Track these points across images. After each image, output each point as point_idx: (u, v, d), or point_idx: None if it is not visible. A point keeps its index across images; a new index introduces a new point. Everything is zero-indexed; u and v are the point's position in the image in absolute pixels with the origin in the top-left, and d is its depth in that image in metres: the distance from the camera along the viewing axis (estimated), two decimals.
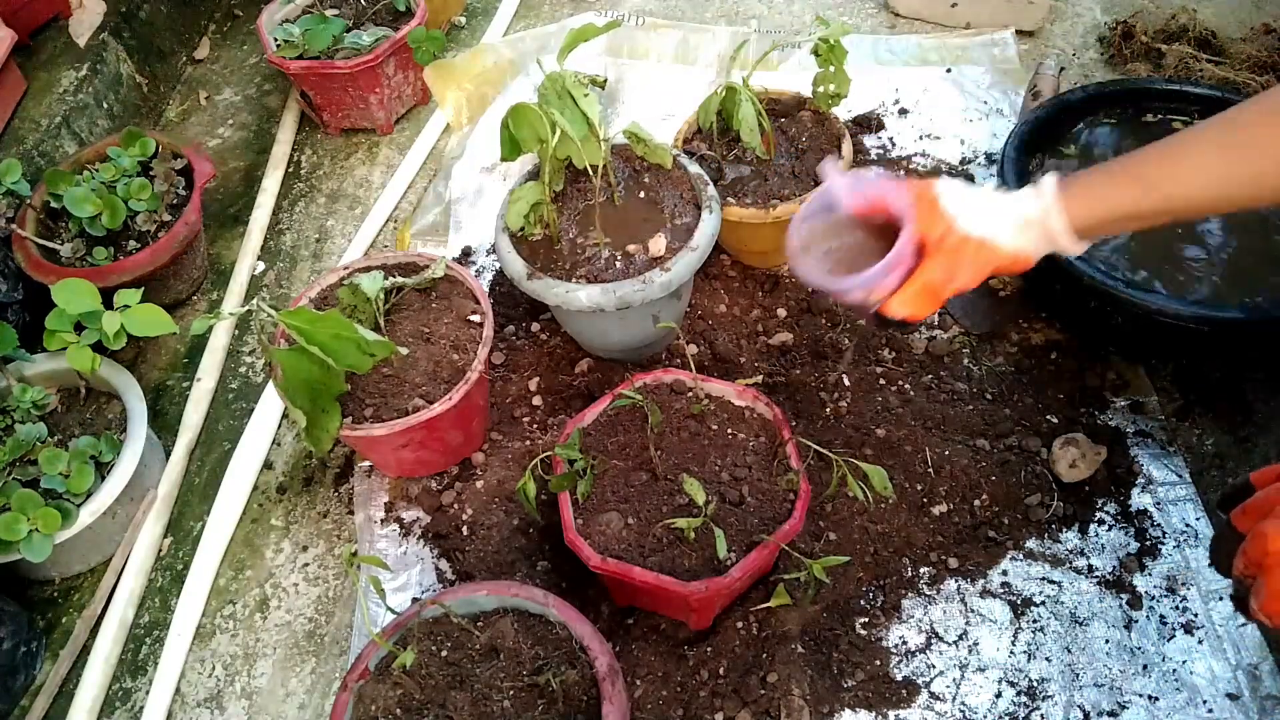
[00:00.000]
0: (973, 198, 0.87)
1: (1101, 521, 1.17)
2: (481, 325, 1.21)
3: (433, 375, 1.18)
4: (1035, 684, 1.05)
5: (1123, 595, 1.10)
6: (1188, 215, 0.86)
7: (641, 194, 1.27)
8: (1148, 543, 1.14)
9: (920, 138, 1.65)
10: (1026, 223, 0.85)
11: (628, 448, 1.09)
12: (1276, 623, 0.65)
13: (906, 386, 1.30)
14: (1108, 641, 1.07)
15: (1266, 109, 0.76)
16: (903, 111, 1.69)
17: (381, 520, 1.27)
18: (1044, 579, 1.13)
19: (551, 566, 1.17)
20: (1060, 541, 1.15)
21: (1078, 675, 1.05)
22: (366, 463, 1.32)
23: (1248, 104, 0.78)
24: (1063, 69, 1.63)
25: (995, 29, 1.80)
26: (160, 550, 1.30)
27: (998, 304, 1.39)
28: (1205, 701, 1.02)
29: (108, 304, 1.24)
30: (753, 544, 0.98)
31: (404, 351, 1.17)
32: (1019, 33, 1.80)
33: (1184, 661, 1.05)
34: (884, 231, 0.91)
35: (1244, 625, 1.05)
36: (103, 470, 1.24)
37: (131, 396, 1.29)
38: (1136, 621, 1.08)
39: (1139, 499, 1.18)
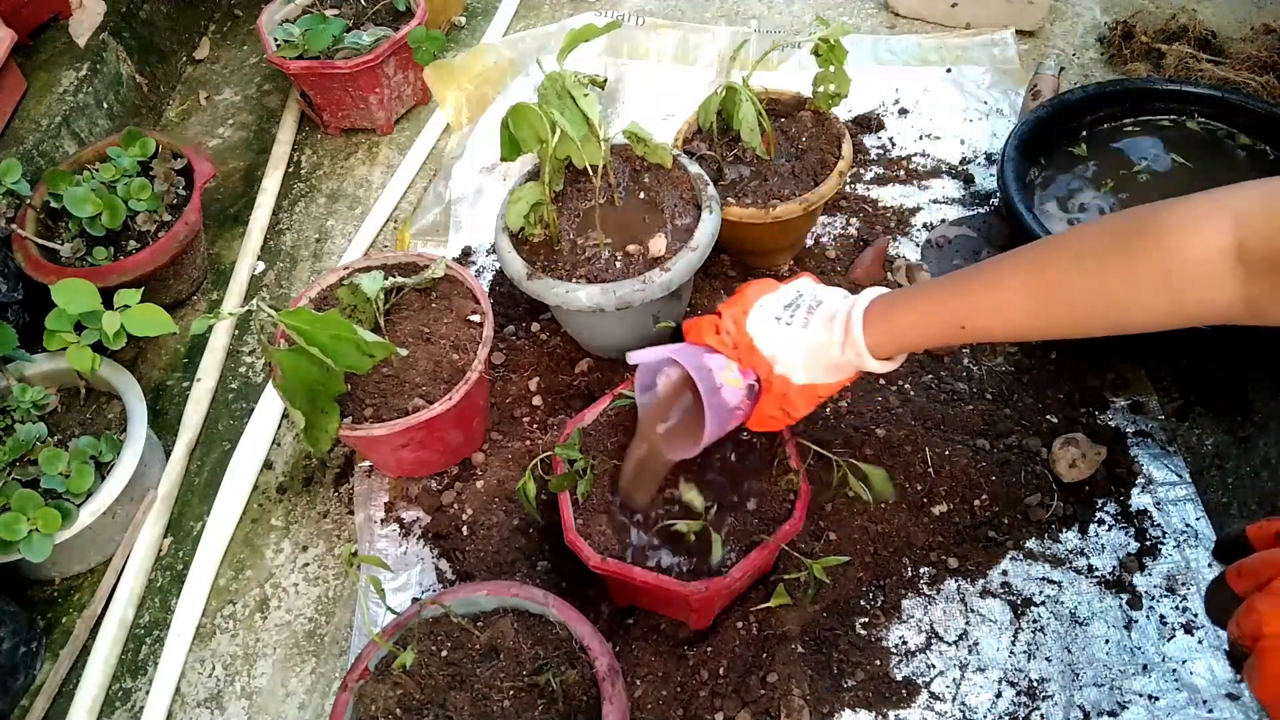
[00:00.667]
0: (784, 343, 0.91)
1: (1101, 521, 1.17)
2: (481, 325, 1.21)
3: (433, 375, 1.18)
4: (1035, 684, 1.05)
5: (1123, 595, 1.10)
6: (987, 341, 0.93)
7: (641, 194, 1.27)
8: (1148, 543, 1.14)
9: (920, 138, 1.65)
10: (841, 367, 0.90)
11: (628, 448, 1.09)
12: (1270, 708, 0.64)
13: (906, 386, 1.30)
14: (1108, 641, 1.07)
15: (1074, 253, 0.78)
16: (903, 111, 1.69)
17: (381, 520, 1.27)
18: (1044, 579, 1.13)
19: (551, 566, 1.17)
20: (1060, 541, 1.15)
21: (1078, 675, 1.05)
22: (366, 463, 1.32)
23: (1055, 242, 0.81)
24: (1063, 69, 1.63)
25: (995, 29, 1.80)
26: (160, 550, 1.30)
27: None
28: (1205, 701, 1.02)
29: (108, 304, 1.24)
30: (753, 544, 0.98)
31: (403, 352, 1.17)
32: (1019, 33, 1.80)
33: (1184, 661, 1.05)
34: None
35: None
36: (103, 470, 1.24)
37: (131, 396, 1.29)
38: (1136, 621, 1.08)
39: (1139, 499, 1.18)
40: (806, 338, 0.90)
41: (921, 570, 1.14)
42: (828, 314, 0.90)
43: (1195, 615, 1.08)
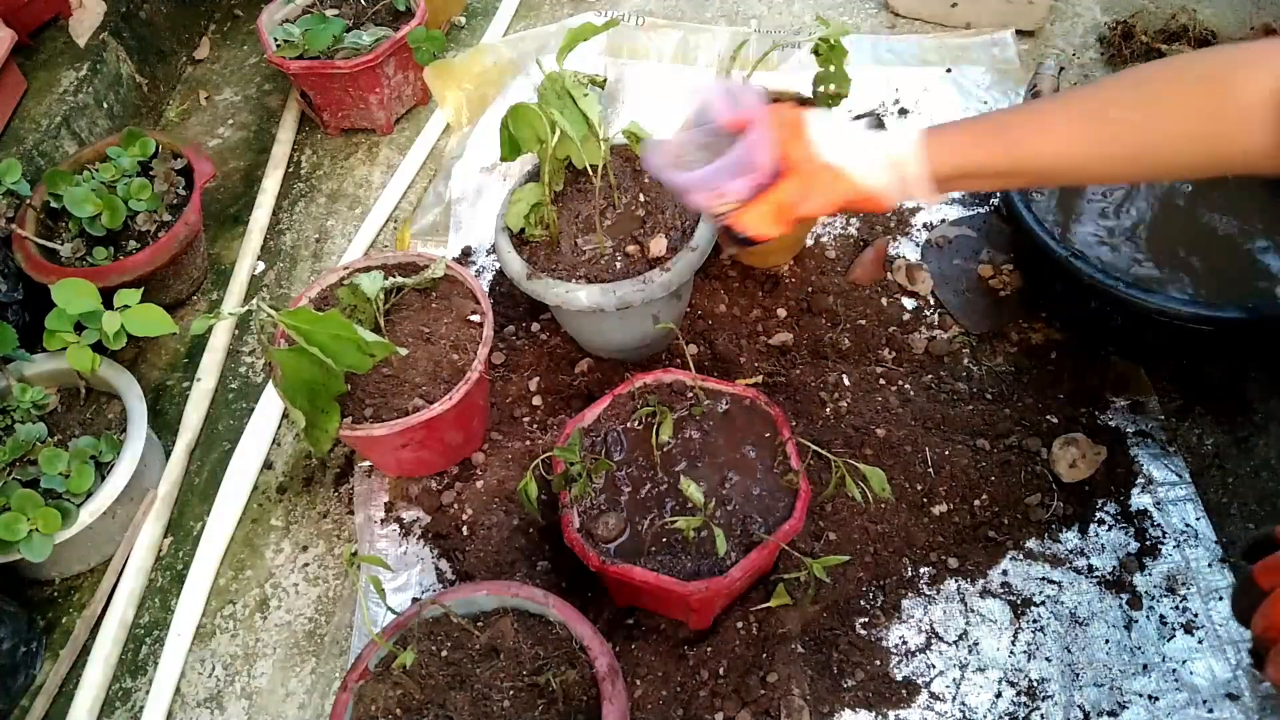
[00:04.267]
0: (838, 128, 0.88)
1: (1101, 521, 1.17)
2: (481, 325, 1.21)
3: (433, 375, 1.18)
4: (1035, 684, 1.05)
5: (1123, 595, 1.10)
6: (1046, 181, 0.88)
7: (641, 194, 1.27)
8: (1148, 543, 1.14)
9: None
10: (886, 162, 0.86)
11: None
12: None
13: (906, 386, 1.30)
14: (1108, 641, 1.07)
15: (1129, 85, 0.79)
16: (903, 111, 1.69)
17: (381, 520, 1.27)
18: (1044, 579, 1.13)
19: (551, 566, 1.18)
20: (1060, 541, 1.15)
21: (1078, 675, 1.05)
22: (366, 463, 1.32)
23: (1113, 79, 0.81)
24: (1063, 69, 1.63)
25: (995, 29, 1.80)
26: (160, 550, 1.30)
27: (998, 304, 1.39)
28: (1205, 701, 1.02)
29: (108, 304, 1.24)
30: (753, 544, 0.98)
31: (403, 352, 1.17)
32: (1019, 33, 1.80)
33: (1184, 661, 1.05)
34: None
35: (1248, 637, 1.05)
36: (103, 470, 1.24)
37: (131, 396, 1.29)
38: (1136, 621, 1.08)
39: (1139, 499, 1.18)
40: (860, 131, 0.88)
41: (921, 570, 1.14)
42: (881, 145, 0.88)
43: (1195, 615, 1.08)
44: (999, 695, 1.05)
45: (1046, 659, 1.07)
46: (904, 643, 1.09)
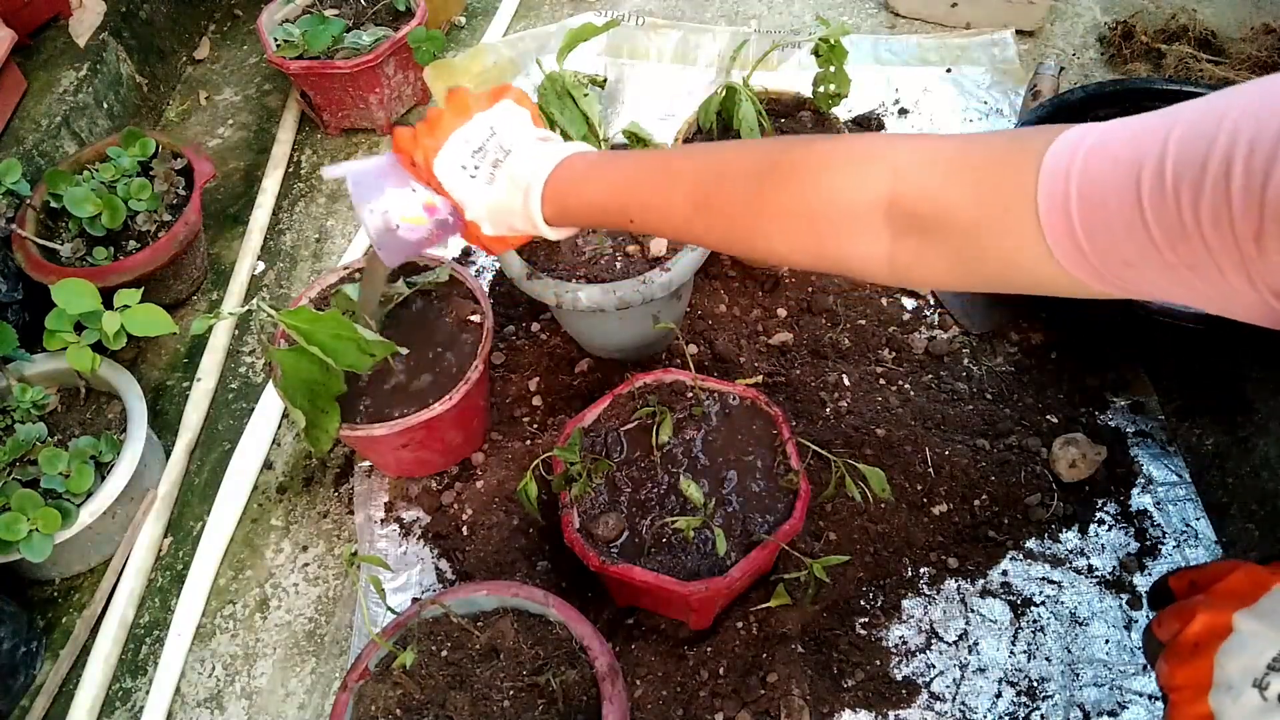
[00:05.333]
0: (470, 195, 0.86)
1: (1101, 521, 1.17)
2: (481, 325, 1.21)
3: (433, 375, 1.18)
4: (1035, 684, 1.05)
5: (1123, 595, 1.10)
6: (656, 236, 0.85)
7: None
8: (1148, 543, 1.14)
9: None
10: (517, 229, 0.86)
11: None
12: None
13: (906, 386, 1.30)
14: (1108, 641, 1.07)
15: (735, 172, 0.73)
16: (903, 111, 1.69)
17: (381, 520, 1.27)
18: (1044, 579, 1.13)
19: (551, 566, 1.17)
20: (1060, 541, 1.15)
21: (1078, 675, 1.05)
22: (366, 463, 1.32)
23: (726, 156, 0.76)
24: (1063, 69, 1.63)
25: (995, 29, 1.80)
26: (160, 550, 1.30)
27: (998, 304, 1.39)
28: None
29: (108, 304, 1.24)
30: (753, 544, 0.98)
31: (404, 351, 1.17)
32: (1019, 33, 1.80)
33: None
34: None
35: None
36: (103, 470, 1.23)
37: (131, 396, 1.29)
38: (1136, 621, 1.08)
39: (1139, 499, 1.18)
40: (490, 195, 0.85)
41: (921, 570, 1.14)
42: (512, 174, 0.84)
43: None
44: (999, 695, 1.05)
45: (1046, 659, 1.07)
46: (904, 643, 1.09)
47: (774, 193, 0.69)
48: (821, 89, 1.35)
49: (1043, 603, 1.11)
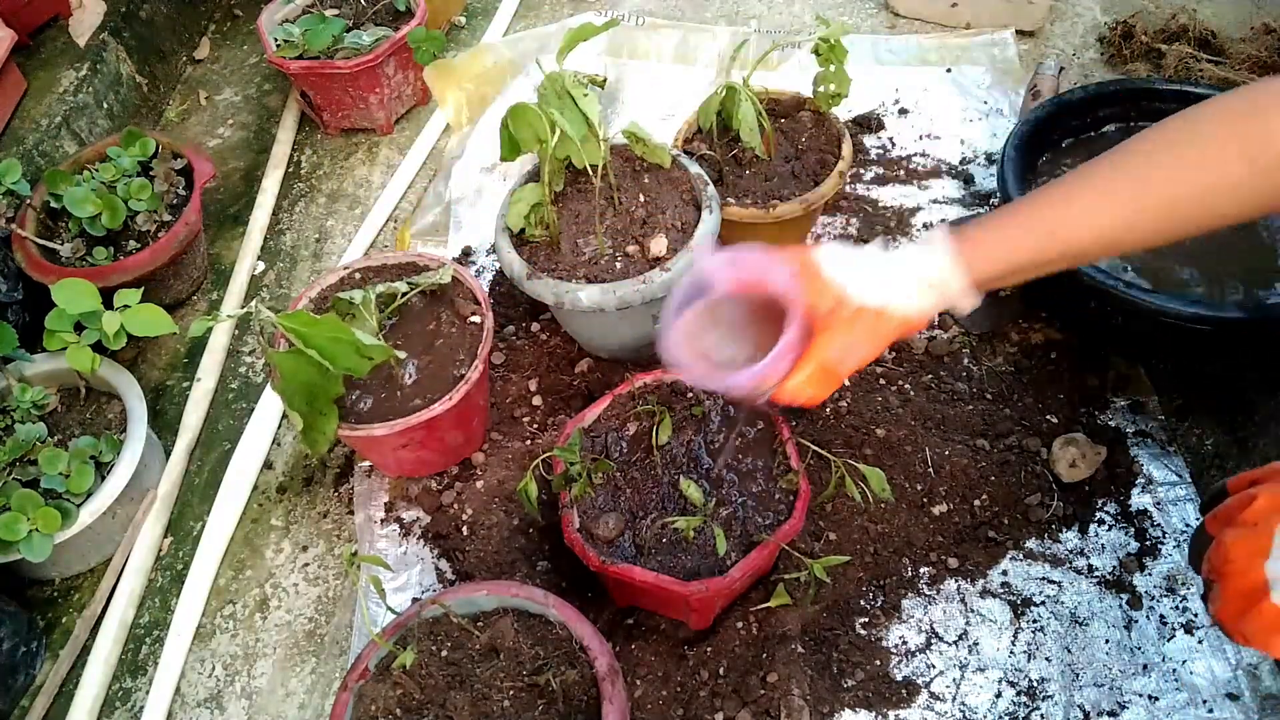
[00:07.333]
0: (860, 263, 0.80)
1: (1101, 521, 1.17)
2: (481, 325, 1.21)
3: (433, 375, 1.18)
4: (1035, 684, 1.05)
5: (1123, 595, 1.10)
6: (1093, 259, 0.82)
7: (641, 194, 1.27)
8: (1148, 543, 1.14)
9: (920, 138, 1.65)
10: (924, 285, 0.79)
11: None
12: (1227, 627, 0.67)
13: (906, 386, 1.30)
14: (1108, 641, 1.07)
15: (1161, 139, 0.74)
16: (903, 111, 1.69)
17: (381, 520, 1.27)
18: (1044, 579, 1.13)
19: (551, 566, 1.18)
20: (1060, 541, 1.15)
21: (1078, 675, 1.05)
22: (366, 463, 1.32)
23: (1140, 136, 0.75)
24: (1063, 69, 1.63)
25: (995, 29, 1.80)
26: (160, 550, 1.30)
27: (998, 304, 1.39)
28: (1205, 701, 1.02)
29: (108, 304, 1.24)
30: (753, 544, 0.98)
31: (402, 355, 1.17)
32: (1019, 33, 1.80)
33: (1184, 661, 1.05)
34: (767, 309, 0.84)
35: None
36: (103, 470, 1.24)
37: (131, 396, 1.29)
38: (1136, 621, 1.08)
39: (1139, 499, 1.18)
40: (882, 258, 0.80)
41: (921, 570, 1.14)
42: (902, 245, 0.81)
43: (1195, 615, 1.08)
44: (999, 695, 1.05)
45: (1046, 659, 1.07)
46: (904, 643, 1.09)
47: (1214, 147, 0.70)
48: (821, 89, 1.35)
49: (1043, 603, 1.11)
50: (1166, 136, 0.74)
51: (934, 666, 1.07)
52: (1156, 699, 1.03)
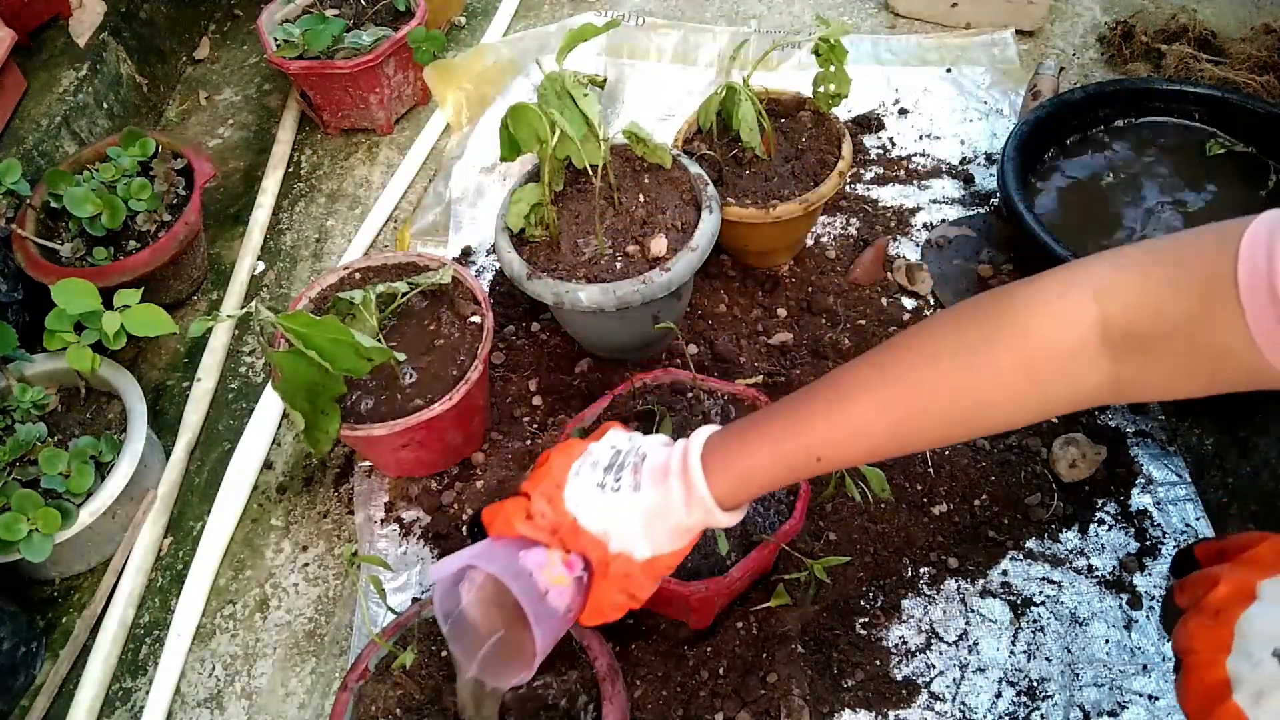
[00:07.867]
0: (616, 514, 0.75)
1: (1101, 521, 1.17)
2: (481, 325, 1.21)
3: (433, 375, 1.18)
4: (1035, 684, 1.05)
5: (1123, 595, 1.10)
6: (845, 468, 0.80)
7: (641, 194, 1.27)
8: (1148, 543, 1.14)
9: (920, 138, 1.65)
10: (682, 529, 0.75)
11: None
12: (1189, 715, 0.65)
13: None
14: (1108, 641, 1.07)
15: (927, 354, 0.69)
16: (903, 111, 1.69)
17: (381, 520, 1.27)
18: (1044, 579, 1.13)
19: None
20: (1060, 541, 1.15)
21: (1078, 675, 1.05)
22: (366, 463, 1.32)
23: (903, 345, 0.71)
24: (1063, 69, 1.63)
25: (995, 29, 1.80)
26: (160, 550, 1.30)
27: None
28: None
29: (108, 304, 1.24)
30: (752, 544, 0.98)
31: (401, 357, 1.17)
32: (1019, 33, 1.80)
33: None
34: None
35: None
36: (103, 470, 1.24)
37: (131, 396, 1.29)
38: (1136, 621, 1.09)
39: (1139, 499, 1.18)
40: (641, 502, 0.74)
41: (921, 570, 1.14)
42: (657, 468, 0.75)
43: None
44: (999, 695, 1.05)
45: (1046, 659, 1.07)
46: (904, 643, 1.09)
47: (985, 358, 0.65)
48: (821, 89, 1.35)
49: (1043, 603, 1.11)
50: (935, 347, 0.69)
51: (934, 666, 1.07)
52: (1156, 699, 1.03)
